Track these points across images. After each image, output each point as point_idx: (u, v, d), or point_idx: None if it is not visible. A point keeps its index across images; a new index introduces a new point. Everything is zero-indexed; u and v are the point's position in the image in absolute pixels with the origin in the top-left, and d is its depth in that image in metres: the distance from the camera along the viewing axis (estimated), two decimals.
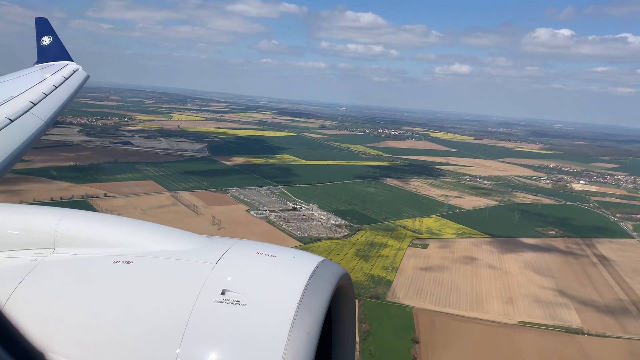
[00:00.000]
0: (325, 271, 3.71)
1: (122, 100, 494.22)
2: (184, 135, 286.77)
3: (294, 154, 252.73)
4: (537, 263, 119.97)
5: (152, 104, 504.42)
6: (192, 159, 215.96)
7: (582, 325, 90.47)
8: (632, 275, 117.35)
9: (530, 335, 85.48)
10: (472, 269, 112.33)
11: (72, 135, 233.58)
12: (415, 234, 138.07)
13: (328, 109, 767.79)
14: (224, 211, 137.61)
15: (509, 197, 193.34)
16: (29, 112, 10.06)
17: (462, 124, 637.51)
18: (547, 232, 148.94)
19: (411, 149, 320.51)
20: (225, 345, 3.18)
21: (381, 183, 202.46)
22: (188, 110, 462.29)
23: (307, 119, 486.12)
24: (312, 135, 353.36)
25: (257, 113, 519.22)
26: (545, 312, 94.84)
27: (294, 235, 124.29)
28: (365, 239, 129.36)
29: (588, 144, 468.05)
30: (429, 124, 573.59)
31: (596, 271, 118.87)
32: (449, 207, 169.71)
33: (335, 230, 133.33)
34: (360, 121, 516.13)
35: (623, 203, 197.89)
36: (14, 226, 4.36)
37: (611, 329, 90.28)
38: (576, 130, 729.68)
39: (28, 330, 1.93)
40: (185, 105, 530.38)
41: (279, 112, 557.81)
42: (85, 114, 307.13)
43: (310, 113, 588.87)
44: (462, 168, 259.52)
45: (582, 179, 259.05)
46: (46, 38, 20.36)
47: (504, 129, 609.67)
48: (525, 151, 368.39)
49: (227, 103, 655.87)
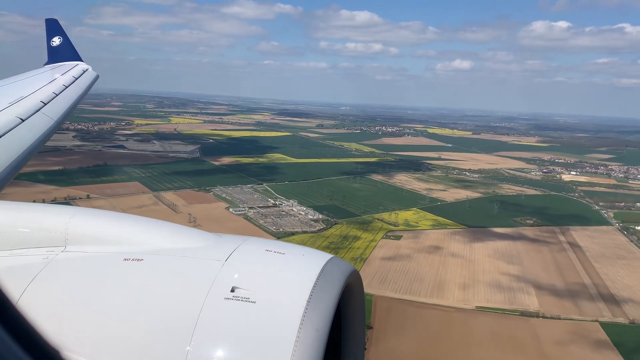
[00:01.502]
0: (334, 268, 3.74)
1: (124, 105, 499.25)
2: (179, 137, 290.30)
3: (285, 153, 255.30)
4: (505, 251, 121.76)
5: (153, 108, 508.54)
6: (181, 160, 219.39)
7: (539, 309, 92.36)
8: (600, 260, 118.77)
9: (485, 319, 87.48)
10: (439, 258, 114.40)
11: (66, 141, 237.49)
12: (391, 226, 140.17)
13: (331, 109, 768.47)
14: (203, 209, 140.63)
15: (493, 189, 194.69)
16: (39, 112, 10.17)
17: (465, 120, 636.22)
18: (524, 221, 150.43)
19: (406, 145, 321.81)
20: (235, 342, 3.21)
21: (367, 178, 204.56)
22: (188, 114, 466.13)
23: (307, 119, 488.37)
24: (308, 135, 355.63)
25: (257, 114, 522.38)
26: (504, 297, 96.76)
27: (269, 230, 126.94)
28: (339, 232, 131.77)
29: (589, 136, 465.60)
30: (431, 120, 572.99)
31: (565, 257, 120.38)
32: (430, 200, 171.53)
33: (311, 225, 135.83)
34: (360, 120, 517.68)
35: (610, 192, 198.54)
36: (26, 224, 4.45)
37: (567, 311, 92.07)
38: (581, 122, 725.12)
39: (41, 327, 1.92)
40: (186, 108, 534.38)
41: (279, 113, 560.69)
42: (83, 119, 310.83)
43: (311, 113, 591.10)
44: (453, 162, 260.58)
45: (574, 170, 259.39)
46: (56, 39, 20.71)
47: (506, 123, 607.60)
48: (522, 144, 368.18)
49: (228, 106, 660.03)
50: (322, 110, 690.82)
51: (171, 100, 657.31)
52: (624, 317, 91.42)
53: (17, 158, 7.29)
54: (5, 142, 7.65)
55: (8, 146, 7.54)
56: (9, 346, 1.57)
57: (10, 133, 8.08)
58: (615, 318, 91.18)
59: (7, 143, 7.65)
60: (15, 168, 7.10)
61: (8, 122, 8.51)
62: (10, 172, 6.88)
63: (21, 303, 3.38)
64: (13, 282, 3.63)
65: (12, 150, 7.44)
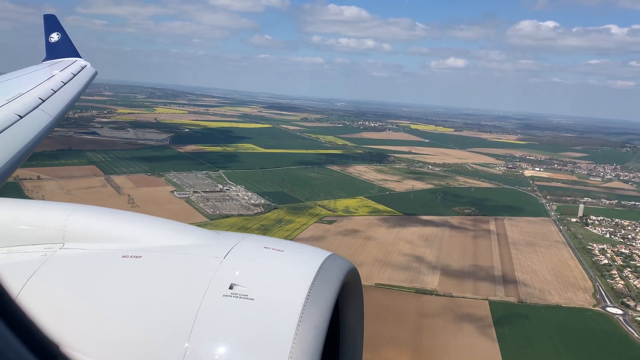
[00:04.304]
0: (333, 266, 3.78)
1: (114, 95, 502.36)
2: (156, 126, 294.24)
3: (256, 143, 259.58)
4: (427, 236, 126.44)
5: (143, 98, 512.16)
6: (148, 147, 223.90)
7: (436, 288, 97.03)
8: (519, 247, 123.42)
9: (378, 294, 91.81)
10: (358, 241, 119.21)
11: None
12: (330, 212, 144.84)
13: (325, 105, 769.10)
14: (148, 192, 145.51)
15: (447, 182, 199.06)
16: (37, 109, 10.13)
17: (456, 118, 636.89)
18: (462, 210, 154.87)
19: (382, 140, 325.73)
20: (234, 339, 3.23)
21: (326, 168, 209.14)
22: (175, 105, 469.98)
23: (294, 113, 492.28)
24: (289, 127, 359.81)
25: (246, 107, 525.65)
26: (407, 277, 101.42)
27: (205, 213, 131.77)
28: (275, 216, 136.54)
29: (573, 136, 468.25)
30: (422, 118, 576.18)
31: (486, 243, 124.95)
32: (379, 189, 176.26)
33: (250, 209, 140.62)
34: (348, 115, 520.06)
35: (564, 187, 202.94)
36: (24, 221, 4.46)
37: (463, 290, 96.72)
38: (575, 123, 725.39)
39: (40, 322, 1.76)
40: (176, 100, 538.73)
41: (268, 106, 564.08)
42: None
43: (302, 107, 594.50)
44: (421, 156, 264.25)
45: (540, 166, 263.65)
46: (54, 35, 20.57)
47: (497, 122, 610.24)
48: (500, 142, 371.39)
49: (221, 98, 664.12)
50: (315, 106, 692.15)
51: (164, 91, 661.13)
52: (515, 297, 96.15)
53: (15, 155, 7.29)
54: (3, 139, 7.63)
55: (6, 143, 7.53)
56: (9, 341, 1.59)
57: (8, 130, 8.05)
58: (506, 298, 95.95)
59: (5, 140, 7.63)
60: (13, 165, 7.11)
61: (6, 118, 8.45)
62: (8, 169, 6.87)
63: (20, 299, 3.31)
64: (12, 279, 3.60)
65: (10, 147, 7.42)
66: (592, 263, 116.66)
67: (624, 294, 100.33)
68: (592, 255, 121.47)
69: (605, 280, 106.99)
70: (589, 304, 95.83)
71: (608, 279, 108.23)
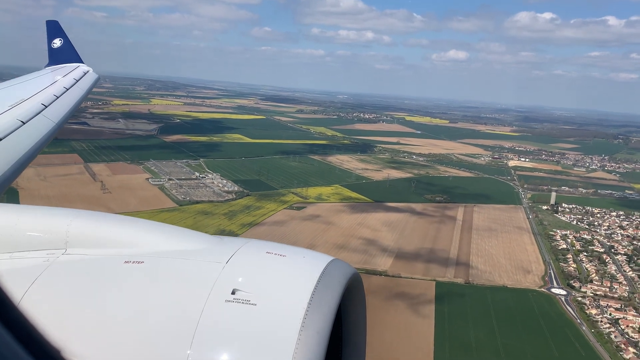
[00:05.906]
0: (335, 271, 3.81)
1: (113, 87, 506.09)
2: (148, 117, 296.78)
3: (244, 134, 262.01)
4: (390, 222, 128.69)
5: (142, 90, 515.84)
6: (134, 137, 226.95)
7: (387, 269, 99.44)
8: (481, 232, 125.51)
9: None
10: (321, 226, 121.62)
11: None
12: (301, 199, 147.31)
13: (327, 97, 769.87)
14: (123, 179, 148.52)
15: (427, 171, 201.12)
16: (40, 114, 10.16)
17: (457, 110, 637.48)
18: (434, 198, 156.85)
19: (373, 131, 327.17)
20: (236, 345, 3.22)
21: (307, 158, 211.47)
22: (172, 97, 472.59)
23: (291, 105, 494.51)
24: (282, 119, 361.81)
25: (243, 99, 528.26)
26: (361, 259, 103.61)
27: (175, 199, 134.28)
28: (246, 203, 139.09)
29: (572, 128, 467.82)
30: (421, 110, 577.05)
31: (448, 229, 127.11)
32: (357, 178, 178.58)
33: (221, 196, 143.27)
34: (346, 107, 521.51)
35: (544, 177, 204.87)
36: (27, 227, 4.48)
37: (413, 272, 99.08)
38: (577, 116, 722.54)
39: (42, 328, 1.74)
40: (174, 92, 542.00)
41: (266, 98, 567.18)
42: None
43: (301, 100, 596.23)
44: (408, 147, 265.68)
45: (527, 157, 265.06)
46: (57, 40, 20.69)
47: (497, 114, 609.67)
48: (493, 133, 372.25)
49: (221, 90, 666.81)
50: (316, 98, 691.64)
51: (164, 84, 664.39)
52: (464, 279, 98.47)
53: (18, 161, 7.27)
54: (6, 145, 7.58)
55: (9, 149, 7.50)
56: (11, 346, 1.58)
57: (11, 136, 8.01)
58: (454, 279, 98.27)
59: (8, 146, 7.59)
60: (16, 171, 7.07)
61: (9, 124, 8.44)
62: (11, 175, 6.83)
63: (23, 305, 3.38)
64: (14, 284, 3.61)
65: (13, 153, 7.40)
66: (550, 248, 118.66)
67: (572, 277, 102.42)
68: (552, 241, 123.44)
69: (559, 264, 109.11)
70: (535, 286, 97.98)
71: (562, 262, 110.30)
